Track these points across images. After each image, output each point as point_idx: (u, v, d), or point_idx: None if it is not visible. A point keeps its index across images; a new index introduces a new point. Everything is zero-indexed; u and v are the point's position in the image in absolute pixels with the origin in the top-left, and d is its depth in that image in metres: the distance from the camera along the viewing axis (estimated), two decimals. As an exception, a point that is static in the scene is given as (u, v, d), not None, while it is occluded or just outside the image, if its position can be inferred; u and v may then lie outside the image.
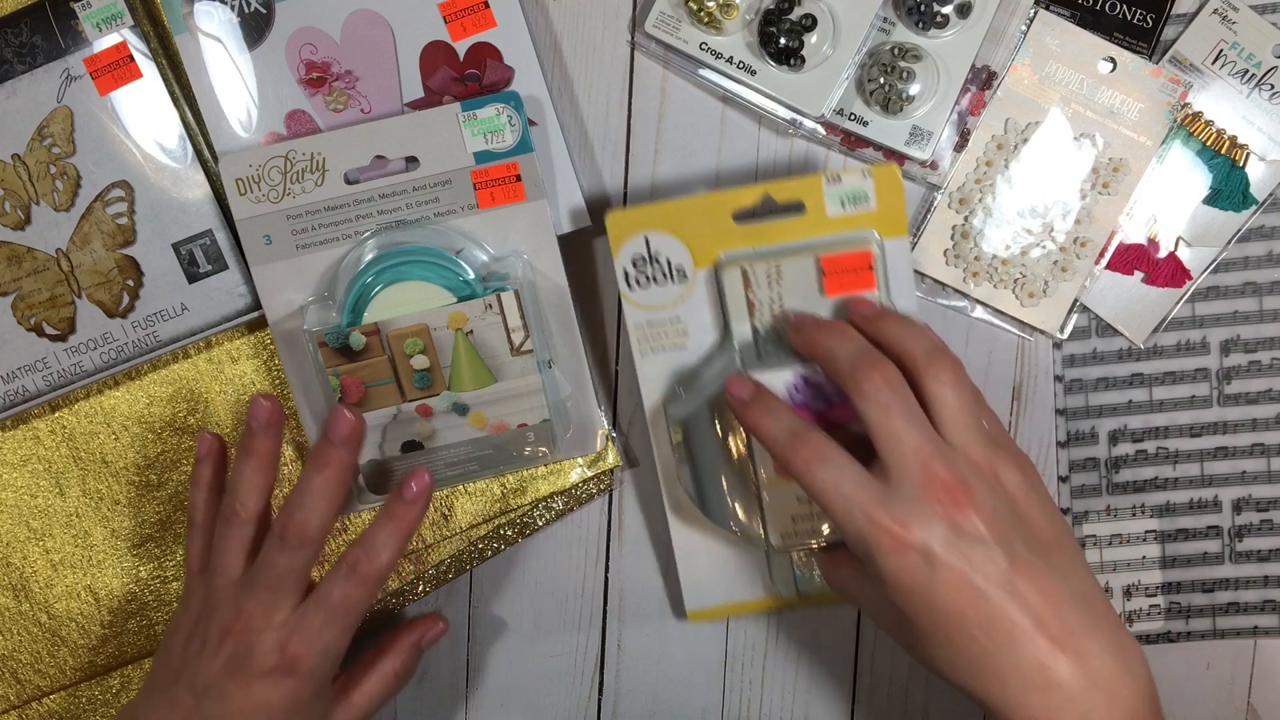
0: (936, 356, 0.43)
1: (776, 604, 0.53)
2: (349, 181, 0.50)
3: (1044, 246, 0.53)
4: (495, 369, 0.49)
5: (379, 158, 0.50)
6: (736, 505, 0.49)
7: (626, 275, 0.50)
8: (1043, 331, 0.54)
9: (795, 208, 0.49)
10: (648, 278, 0.50)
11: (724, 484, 0.49)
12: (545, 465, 0.54)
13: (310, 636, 0.45)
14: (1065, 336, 0.54)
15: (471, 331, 0.48)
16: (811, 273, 0.48)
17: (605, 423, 0.54)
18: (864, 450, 0.42)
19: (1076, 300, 0.54)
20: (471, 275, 0.49)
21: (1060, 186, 0.53)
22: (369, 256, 0.49)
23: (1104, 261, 0.53)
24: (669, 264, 0.49)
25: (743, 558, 0.53)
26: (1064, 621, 0.40)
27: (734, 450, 0.49)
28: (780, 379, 0.46)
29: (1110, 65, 0.52)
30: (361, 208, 0.50)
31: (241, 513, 0.47)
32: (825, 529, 0.48)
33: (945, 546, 0.39)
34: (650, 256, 0.49)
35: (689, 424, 0.49)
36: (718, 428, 0.49)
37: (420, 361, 0.49)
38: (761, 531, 0.49)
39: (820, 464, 0.42)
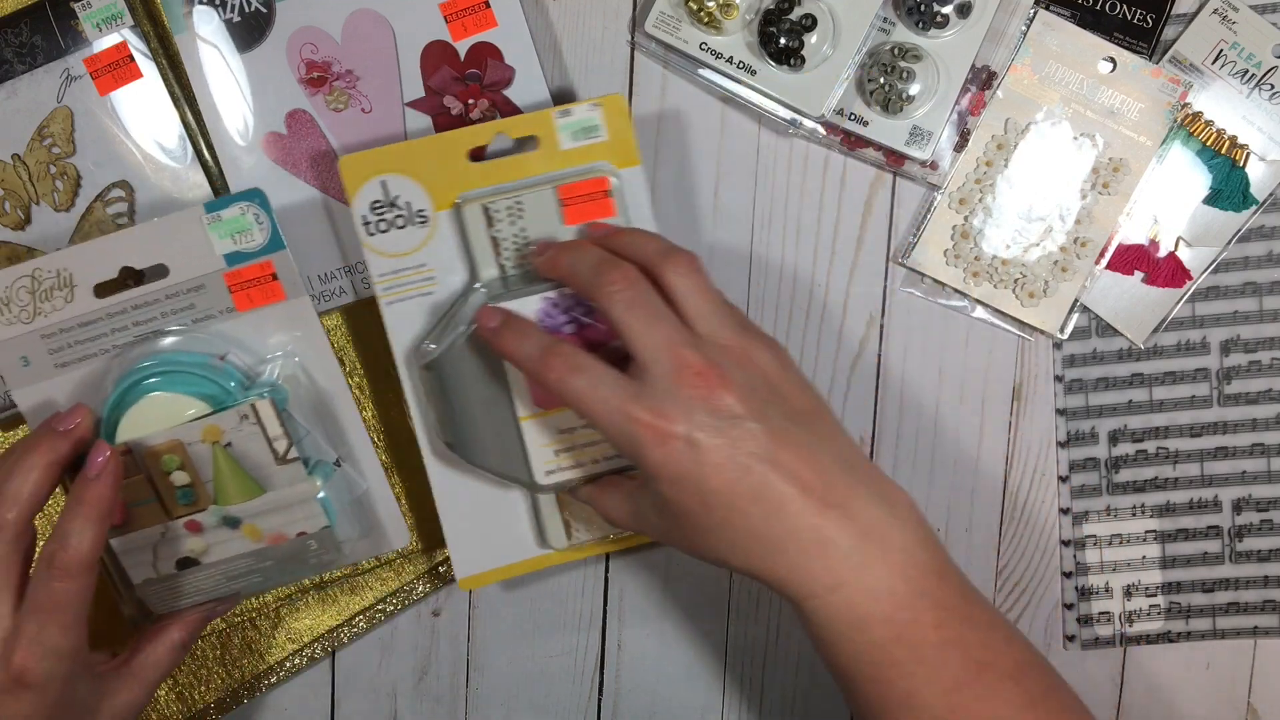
0: (672, 251, 0.44)
1: (550, 561, 0.52)
2: (100, 295, 0.48)
3: (1044, 246, 0.53)
4: (262, 479, 0.47)
5: (127, 269, 0.48)
6: (497, 446, 0.48)
7: (366, 222, 0.49)
8: (1043, 331, 0.54)
9: (529, 143, 0.49)
10: (388, 223, 0.49)
11: (483, 426, 0.48)
12: (338, 569, 0.52)
13: (31, 645, 0.42)
14: (1065, 336, 0.54)
15: (230, 444, 0.46)
16: (552, 204, 0.48)
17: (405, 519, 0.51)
18: (625, 365, 0.43)
19: (1076, 300, 0.54)
20: (233, 383, 0.47)
21: (1060, 186, 0.53)
22: (117, 373, 0.47)
23: (1104, 261, 0.53)
24: (409, 207, 0.49)
25: (510, 516, 0.51)
26: (828, 482, 0.41)
27: (491, 389, 0.48)
28: (529, 305, 0.46)
29: (1110, 65, 0.52)
30: (116, 320, 0.48)
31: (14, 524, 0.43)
32: (589, 460, 0.48)
33: (705, 429, 0.40)
34: (389, 200, 0.48)
35: (442, 368, 0.48)
36: (472, 369, 0.48)
37: (180, 478, 0.47)
38: (524, 470, 0.48)
39: (573, 373, 0.42)
